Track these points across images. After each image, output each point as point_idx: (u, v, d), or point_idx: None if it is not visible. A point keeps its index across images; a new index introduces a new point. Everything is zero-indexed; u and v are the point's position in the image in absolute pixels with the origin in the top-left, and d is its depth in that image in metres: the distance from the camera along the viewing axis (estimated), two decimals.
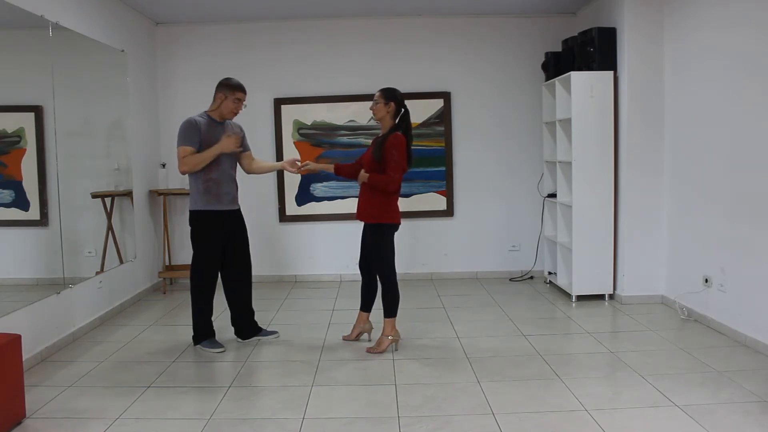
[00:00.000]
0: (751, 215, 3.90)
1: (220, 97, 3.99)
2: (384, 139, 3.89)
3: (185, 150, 3.86)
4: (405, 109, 3.97)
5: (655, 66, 4.93)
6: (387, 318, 3.97)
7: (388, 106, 3.92)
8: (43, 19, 4.07)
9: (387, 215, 3.94)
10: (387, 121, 3.95)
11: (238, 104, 4.03)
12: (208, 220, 3.97)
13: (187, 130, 3.88)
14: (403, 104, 3.96)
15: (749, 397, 3.15)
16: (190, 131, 3.87)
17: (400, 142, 3.85)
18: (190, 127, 3.88)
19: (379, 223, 3.95)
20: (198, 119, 3.93)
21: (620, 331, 4.45)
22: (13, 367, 2.95)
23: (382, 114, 3.94)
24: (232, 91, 3.98)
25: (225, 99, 3.98)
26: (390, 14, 6.05)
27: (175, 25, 6.14)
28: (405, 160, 3.87)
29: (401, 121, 3.95)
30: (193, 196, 3.98)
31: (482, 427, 2.89)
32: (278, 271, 6.29)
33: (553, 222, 5.85)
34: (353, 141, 6.16)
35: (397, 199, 4.01)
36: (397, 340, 4.00)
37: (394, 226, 3.99)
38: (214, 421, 3.02)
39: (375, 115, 3.98)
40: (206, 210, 3.96)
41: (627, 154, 5.01)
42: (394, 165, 3.81)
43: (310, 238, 6.30)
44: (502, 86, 6.17)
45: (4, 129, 3.89)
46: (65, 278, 4.28)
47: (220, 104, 3.99)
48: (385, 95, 3.94)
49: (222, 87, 4.00)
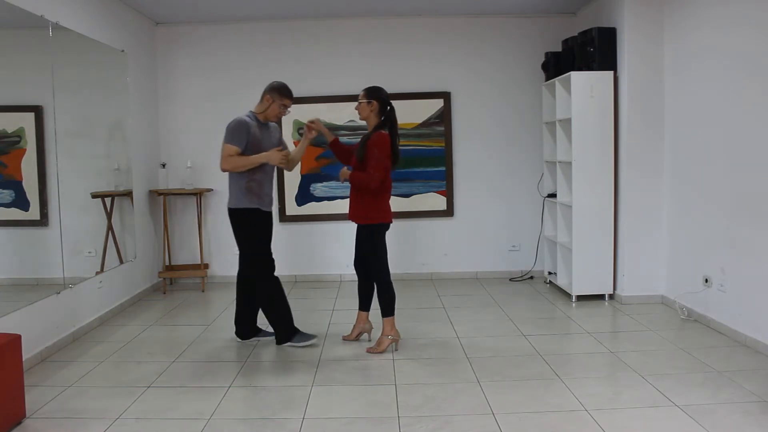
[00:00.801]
0: (751, 215, 3.90)
1: (268, 100, 4.01)
2: (367, 138, 3.90)
3: (231, 149, 3.87)
4: (390, 106, 3.96)
5: (655, 66, 4.93)
6: (385, 318, 3.98)
7: (371, 104, 3.92)
8: (43, 19, 4.07)
9: (376, 215, 3.95)
10: (372, 119, 3.95)
11: (284, 110, 4.08)
12: (253, 216, 4.03)
13: (236, 130, 3.89)
14: (387, 102, 3.95)
15: (749, 397, 3.14)
16: (239, 131, 3.90)
17: (383, 140, 3.86)
18: (240, 127, 3.90)
19: (369, 223, 3.97)
20: (248, 120, 3.95)
21: (620, 331, 4.45)
22: (13, 367, 2.95)
23: (366, 113, 3.95)
24: (281, 97, 4.01)
25: (272, 103, 4.01)
26: (390, 14, 6.05)
27: (175, 25, 6.14)
28: (388, 159, 3.87)
29: (386, 119, 3.94)
30: (235, 194, 4.02)
31: (482, 427, 2.89)
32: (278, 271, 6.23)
33: (553, 222, 5.85)
34: (353, 141, 6.14)
35: (388, 198, 4.01)
36: (397, 339, 4.00)
37: (384, 226, 4.00)
38: (214, 421, 3.02)
39: (360, 114, 3.99)
40: (250, 208, 4.01)
41: (627, 154, 5.01)
42: (374, 163, 3.81)
43: (310, 238, 6.30)
44: (502, 86, 6.17)
45: (4, 129, 3.89)
46: (65, 278, 4.28)
47: (267, 107, 4.02)
48: (368, 94, 3.94)
49: (272, 91, 4.02)
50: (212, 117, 6.18)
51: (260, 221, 4.07)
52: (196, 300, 5.61)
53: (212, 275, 6.24)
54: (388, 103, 3.96)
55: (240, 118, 3.94)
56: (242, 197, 3.99)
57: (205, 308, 5.34)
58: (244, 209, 4.00)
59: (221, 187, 6.17)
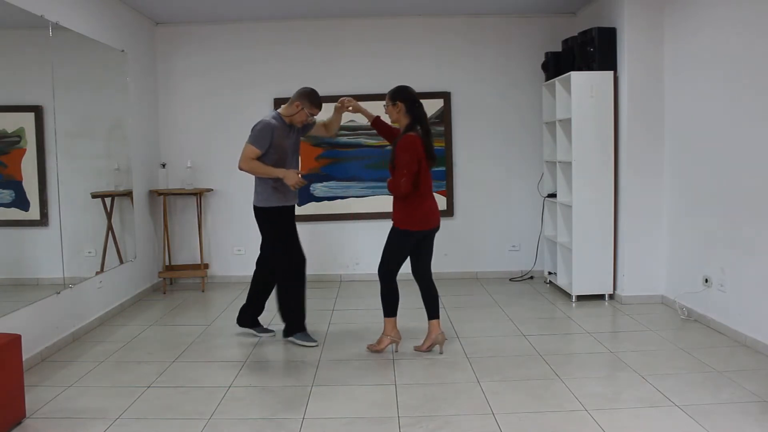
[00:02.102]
0: (751, 215, 3.90)
1: (297, 106, 4.03)
2: (395, 144, 3.84)
3: (253, 151, 3.92)
4: (418, 104, 3.85)
5: (655, 66, 4.93)
6: (387, 318, 3.97)
7: (397, 106, 3.84)
8: (43, 19, 4.07)
9: (404, 221, 3.84)
10: (402, 121, 3.86)
11: (311, 118, 4.13)
12: (277, 213, 4.10)
13: (261, 132, 3.94)
14: (413, 100, 3.83)
15: (749, 397, 3.15)
16: (263, 135, 3.94)
17: (408, 143, 3.74)
18: (266, 130, 3.95)
19: (396, 226, 3.88)
20: (274, 123, 3.98)
21: (620, 331, 4.45)
22: (13, 367, 2.95)
23: (394, 116, 3.88)
24: (311, 106, 4.04)
25: (301, 110, 4.03)
26: (390, 14, 6.05)
27: (175, 25, 6.14)
28: (414, 163, 3.72)
29: (414, 117, 3.82)
30: (262, 193, 4.07)
31: (482, 427, 2.89)
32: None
33: (553, 222, 5.85)
34: (353, 141, 6.16)
35: (427, 203, 3.85)
36: (398, 341, 4.00)
37: (408, 234, 3.85)
38: (214, 421, 3.02)
39: (390, 118, 3.93)
40: (277, 206, 4.08)
41: (627, 153, 5.01)
42: (399, 169, 3.72)
43: (310, 239, 6.28)
44: (502, 86, 6.17)
45: (4, 129, 3.89)
46: (65, 278, 4.28)
47: (296, 113, 4.04)
48: (391, 96, 3.88)
49: (303, 98, 4.02)
50: (212, 117, 6.20)
51: (284, 216, 4.15)
52: (196, 300, 5.61)
53: (212, 275, 6.23)
54: (415, 101, 3.84)
55: (266, 120, 3.98)
56: (270, 196, 4.06)
57: (205, 308, 5.34)
58: (269, 208, 4.08)
59: (221, 187, 6.18)
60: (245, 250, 6.20)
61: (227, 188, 6.18)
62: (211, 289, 6.01)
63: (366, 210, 6.19)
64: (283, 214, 4.14)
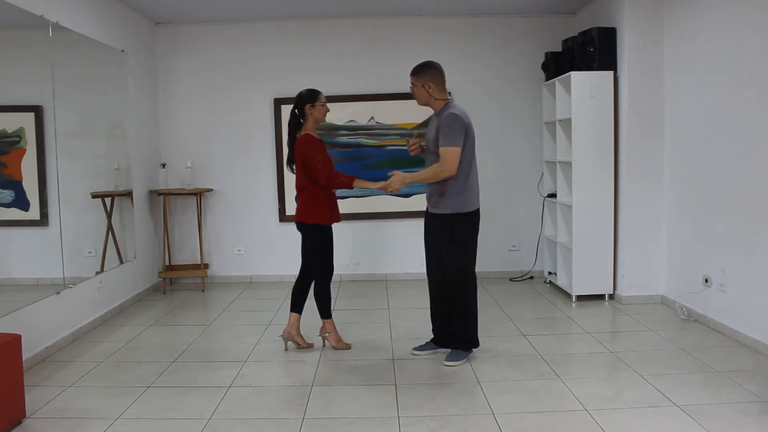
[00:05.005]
0: (751, 215, 3.90)
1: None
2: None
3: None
4: None
5: (655, 66, 4.93)
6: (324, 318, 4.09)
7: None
8: (43, 19, 4.07)
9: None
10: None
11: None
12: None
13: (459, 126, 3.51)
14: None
15: (749, 397, 3.15)
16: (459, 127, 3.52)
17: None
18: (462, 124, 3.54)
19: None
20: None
21: (620, 331, 4.45)
22: (13, 367, 2.95)
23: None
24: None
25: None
26: (390, 14, 6.05)
27: (175, 25, 6.13)
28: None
29: None
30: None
31: (482, 427, 2.89)
32: (278, 271, 6.27)
33: (553, 222, 5.85)
34: (353, 141, 6.15)
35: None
36: (328, 335, 4.07)
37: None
38: (214, 421, 3.02)
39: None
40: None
41: (627, 154, 5.01)
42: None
43: None
44: (502, 86, 6.17)
45: (4, 129, 3.89)
46: (65, 278, 4.28)
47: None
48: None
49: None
50: (212, 117, 6.20)
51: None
52: (196, 300, 5.61)
53: (212, 275, 6.23)
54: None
55: (458, 112, 3.54)
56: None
57: (205, 308, 5.34)
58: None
59: (221, 187, 6.18)
60: (245, 250, 6.20)
61: (227, 188, 6.18)
62: (211, 289, 6.01)
63: (366, 210, 6.18)
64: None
